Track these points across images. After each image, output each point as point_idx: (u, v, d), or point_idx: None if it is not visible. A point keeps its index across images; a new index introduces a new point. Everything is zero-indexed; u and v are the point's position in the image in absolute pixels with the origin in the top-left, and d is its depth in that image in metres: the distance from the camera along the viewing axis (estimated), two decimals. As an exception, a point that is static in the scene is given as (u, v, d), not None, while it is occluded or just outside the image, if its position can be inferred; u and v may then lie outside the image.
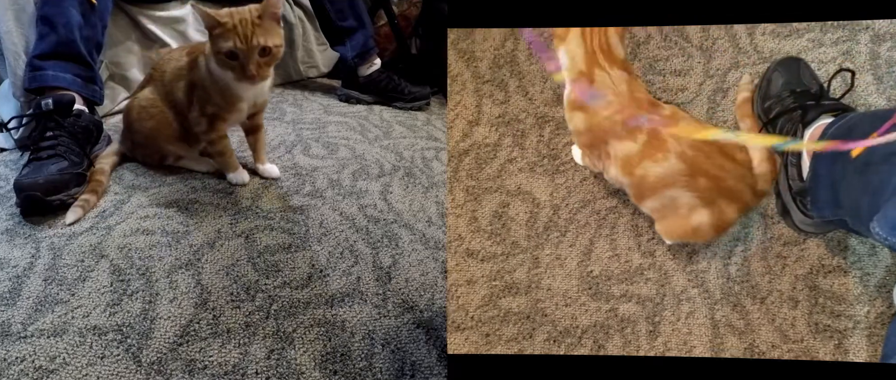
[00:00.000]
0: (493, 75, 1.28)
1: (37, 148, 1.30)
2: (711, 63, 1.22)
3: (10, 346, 0.93)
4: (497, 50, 1.31)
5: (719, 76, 1.21)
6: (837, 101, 1.05)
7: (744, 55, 1.22)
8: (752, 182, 0.98)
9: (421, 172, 1.58)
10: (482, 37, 1.32)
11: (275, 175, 1.45)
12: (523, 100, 1.26)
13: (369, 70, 2.10)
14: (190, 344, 0.97)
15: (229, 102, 1.30)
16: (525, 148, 1.21)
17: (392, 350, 1.01)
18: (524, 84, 1.27)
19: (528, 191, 1.16)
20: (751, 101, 1.11)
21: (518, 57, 1.29)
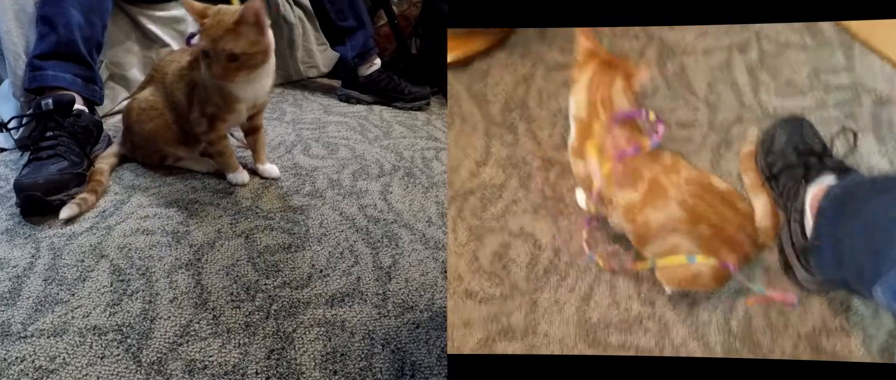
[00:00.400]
0: (503, 118, 1.30)
1: (37, 148, 1.30)
2: (716, 117, 1.24)
3: (10, 346, 0.93)
4: (509, 94, 1.33)
5: (723, 130, 1.22)
6: (840, 161, 1.04)
7: (748, 111, 1.24)
8: (752, 233, 0.98)
9: (421, 172, 1.58)
10: (495, 81, 1.35)
11: (275, 175, 1.45)
12: (531, 142, 1.27)
13: (369, 70, 2.10)
14: (190, 344, 0.97)
15: (227, 102, 1.30)
16: (530, 190, 1.21)
17: (392, 350, 1.01)
18: (533, 128, 1.28)
19: (531, 233, 1.15)
20: (755, 155, 1.10)
21: (529, 101, 1.32)
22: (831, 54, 1.30)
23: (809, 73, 1.27)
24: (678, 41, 1.36)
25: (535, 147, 1.26)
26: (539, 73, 1.37)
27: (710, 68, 1.32)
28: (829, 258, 0.96)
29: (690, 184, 0.96)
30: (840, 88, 1.24)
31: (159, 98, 1.35)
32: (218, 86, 1.27)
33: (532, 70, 1.38)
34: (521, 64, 1.39)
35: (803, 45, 1.32)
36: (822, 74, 1.27)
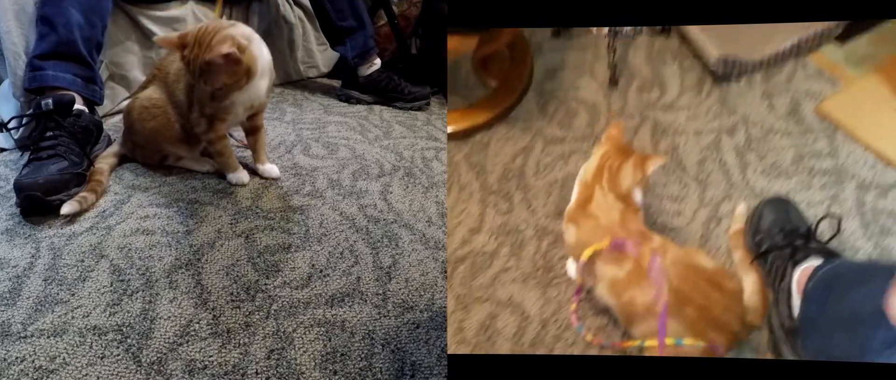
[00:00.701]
0: (500, 187, 1.32)
1: (37, 148, 1.30)
2: (706, 193, 1.27)
3: (10, 346, 0.93)
4: (507, 164, 1.37)
5: (713, 206, 1.25)
6: (825, 244, 1.07)
7: (735, 189, 1.28)
8: (741, 313, 0.98)
9: (421, 172, 1.58)
10: (494, 153, 1.38)
11: (275, 175, 1.45)
12: (526, 211, 1.28)
13: (369, 70, 2.10)
14: (190, 344, 0.97)
15: (222, 107, 1.31)
16: (521, 258, 1.22)
17: (392, 350, 1.01)
18: (529, 197, 1.30)
19: (519, 303, 1.15)
20: (743, 233, 1.14)
21: (526, 171, 1.35)
22: (815, 140, 1.35)
23: (794, 157, 1.32)
24: (671, 122, 1.42)
25: (529, 215, 1.28)
26: (538, 145, 1.41)
27: (701, 148, 1.37)
28: (815, 341, 0.97)
29: (676, 265, 0.97)
30: (824, 173, 1.28)
31: (161, 97, 1.35)
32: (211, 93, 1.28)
33: (531, 143, 1.42)
34: (520, 137, 1.43)
35: (787, 131, 1.38)
36: (805, 159, 1.32)
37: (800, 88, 1.45)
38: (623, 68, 1.57)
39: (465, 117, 1.45)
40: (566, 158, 1.39)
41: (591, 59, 1.60)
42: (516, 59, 1.58)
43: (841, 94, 1.41)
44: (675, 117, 1.43)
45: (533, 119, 1.47)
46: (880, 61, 1.44)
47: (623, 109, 1.47)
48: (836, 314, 0.91)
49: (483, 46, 1.49)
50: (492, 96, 1.51)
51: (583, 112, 1.48)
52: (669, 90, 1.50)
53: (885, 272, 0.89)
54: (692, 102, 1.47)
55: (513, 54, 1.58)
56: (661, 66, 1.56)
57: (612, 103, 1.49)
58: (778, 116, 1.41)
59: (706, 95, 1.47)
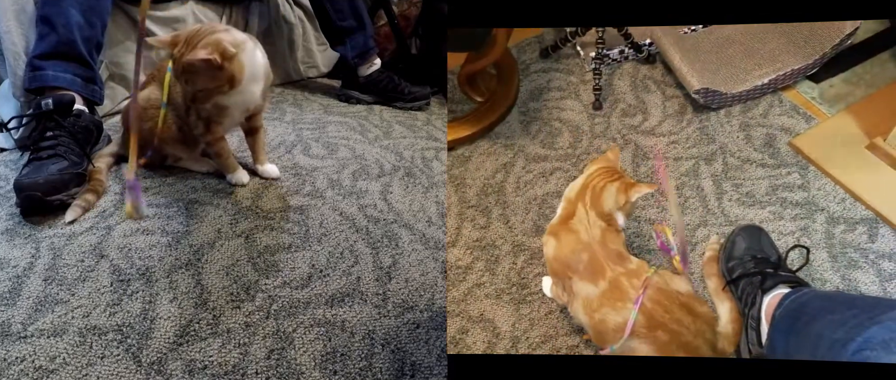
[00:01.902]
0: (478, 201, 1.35)
1: (37, 148, 1.30)
2: (683, 218, 1.31)
3: (10, 346, 0.93)
4: (487, 179, 1.39)
5: (689, 231, 1.29)
6: (794, 273, 1.10)
7: (712, 216, 1.31)
8: (712, 340, 0.99)
9: (421, 172, 1.58)
10: (476, 167, 1.41)
11: (274, 175, 1.45)
12: (503, 227, 1.30)
13: (369, 70, 2.10)
14: (190, 344, 0.97)
15: (217, 110, 1.30)
16: (496, 274, 1.22)
17: (392, 350, 1.01)
18: (507, 213, 1.33)
19: (491, 319, 1.15)
20: (716, 260, 1.16)
21: (506, 187, 1.37)
22: (788, 173, 1.38)
23: (768, 187, 1.36)
24: (651, 146, 1.47)
25: (506, 231, 1.30)
26: (519, 162, 1.44)
27: (679, 174, 1.41)
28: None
29: (651, 288, 0.97)
30: (795, 204, 1.32)
31: (159, 98, 1.35)
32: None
33: (513, 159, 1.45)
34: (502, 153, 1.46)
35: (762, 162, 1.42)
36: (779, 190, 1.35)
37: (775, 123, 1.49)
38: (608, 93, 1.61)
39: (448, 130, 1.49)
40: (547, 176, 1.41)
41: (577, 82, 1.64)
42: (503, 77, 1.60)
43: (814, 130, 1.46)
44: (655, 142, 1.48)
45: (516, 136, 1.50)
46: (853, 101, 1.50)
47: (606, 132, 1.51)
48: (801, 342, 0.92)
49: (470, 63, 1.52)
50: (476, 112, 1.54)
51: (566, 132, 1.51)
52: (652, 116, 1.55)
53: (848, 302, 0.91)
54: (673, 128, 1.51)
55: (500, 72, 1.61)
56: (644, 92, 1.61)
57: (596, 126, 1.53)
58: (754, 147, 1.45)
59: (687, 124, 1.52)
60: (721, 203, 1.33)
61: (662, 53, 1.63)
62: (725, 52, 1.59)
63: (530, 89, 1.62)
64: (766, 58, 1.56)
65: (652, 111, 1.56)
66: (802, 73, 1.55)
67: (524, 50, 1.75)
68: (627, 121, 1.54)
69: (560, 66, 1.69)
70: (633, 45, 1.65)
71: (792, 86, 1.56)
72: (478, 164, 1.40)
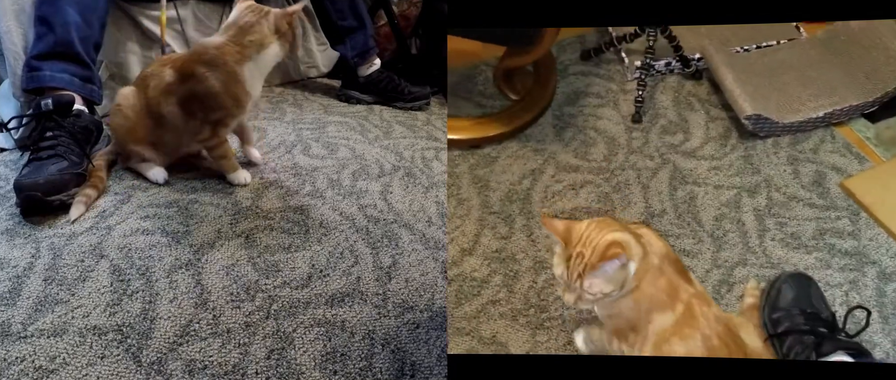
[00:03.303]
0: (502, 208, 1.24)
1: (37, 148, 1.30)
2: (721, 253, 1.21)
3: (10, 346, 0.93)
4: (513, 184, 1.28)
5: (726, 269, 1.19)
6: (852, 338, 1.00)
7: (752, 255, 1.21)
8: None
9: (421, 172, 1.58)
10: (501, 169, 1.30)
11: (257, 158, 1.49)
12: (526, 240, 1.19)
13: (369, 70, 2.10)
14: (190, 344, 0.97)
15: (238, 102, 1.33)
16: (513, 292, 1.12)
17: (392, 350, 1.01)
18: (531, 224, 1.22)
19: (504, 343, 1.06)
20: (757, 307, 1.06)
21: (533, 196, 1.26)
22: (837, 217, 1.27)
23: (815, 231, 1.25)
24: (691, 170, 1.35)
25: (528, 245, 1.19)
26: (549, 170, 1.33)
27: (719, 204, 1.29)
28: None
29: (719, 323, 0.89)
30: (845, 253, 1.21)
31: (135, 103, 1.35)
32: (227, 91, 1.30)
33: (542, 166, 1.33)
34: (532, 157, 1.35)
35: (810, 202, 1.30)
36: (827, 235, 1.24)
37: (826, 160, 1.38)
38: (648, 106, 1.50)
39: (475, 127, 1.38)
40: (577, 188, 1.31)
41: (617, 90, 1.52)
42: (541, 76, 1.50)
43: (868, 173, 1.34)
44: (696, 166, 1.37)
45: (547, 141, 1.39)
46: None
47: (643, 148, 1.40)
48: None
49: (510, 58, 1.43)
50: (509, 110, 1.44)
51: (601, 143, 1.41)
52: (693, 137, 1.44)
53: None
54: (716, 153, 1.40)
55: (537, 71, 1.51)
56: (687, 110, 1.49)
57: (633, 140, 1.42)
58: (802, 184, 1.34)
59: (731, 149, 1.40)
60: (763, 242, 1.23)
61: (712, 71, 1.52)
62: (780, 77, 1.49)
63: (567, 92, 1.50)
64: (823, 89, 1.45)
65: (694, 131, 1.45)
66: (860, 110, 1.44)
67: (564, 49, 1.63)
68: (667, 139, 1.43)
69: (601, 72, 1.57)
70: (681, 58, 1.55)
71: (846, 122, 1.45)
72: (504, 166, 1.30)
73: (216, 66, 1.29)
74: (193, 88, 1.30)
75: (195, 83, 1.29)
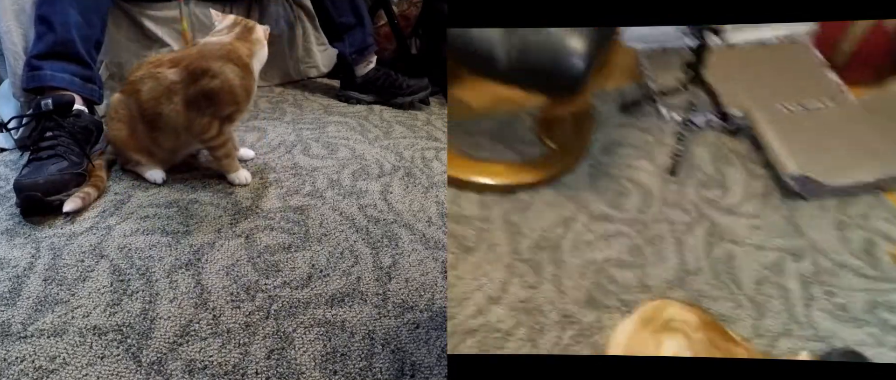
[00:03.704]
0: (531, 256, 1.20)
1: (37, 148, 1.30)
2: (762, 321, 1.14)
3: (10, 346, 0.93)
4: (545, 232, 1.25)
5: (769, 339, 1.12)
6: None
7: (797, 325, 1.14)
8: None
9: (421, 172, 1.58)
10: (535, 216, 1.27)
11: (250, 156, 1.52)
12: (554, 291, 1.15)
13: (366, 69, 2.10)
14: (190, 344, 0.97)
15: (248, 94, 1.37)
16: (537, 346, 1.09)
17: (392, 350, 1.01)
18: (560, 274, 1.18)
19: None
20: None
21: (563, 245, 1.23)
22: (891, 289, 1.20)
23: (866, 303, 1.17)
24: (729, 227, 1.29)
25: (556, 296, 1.14)
26: (581, 218, 1.29)
27: (760, 265, 1.22)
28: None
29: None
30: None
31: (125, 112, 1.34)
32: (243, 84, 1.34)
33: (575, 214, 1.30)
34: (565, 205, 1.31)
35: (861, 271, 1.22)
36: (879, 309, 1.16)
37: (877, 227, 1.29)
38: (686, 159, 1.44)
39: (512, 172, 1.38)
40: (609, 239, 1.28)
41: (653, 142, 1.47)
42: (578, 125, 1.50)
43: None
44: (734, 223, 1.30)
45: (581, 190, 1.35)
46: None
47: (678, 201, 1.35)
48: None
49: (551, 108, 1.44)
50: (546, 158, 1.43)
51: (635, 194, 1.37)
52: (732, 193, 1.37)
53: None
54: (756, 211, 1.32)
55: (576, 121, 1.51)
56: (726, 165, 1.43)
57: (668, 193, 1.36)
58: (851, 251, 1.25)
59: (773, 209, 1.32)
60: (809, 311, 1.15)
61: (754, 127, 1.46)
62: (827, 139, 1.42)
63: (604, 143, 1.47)
64: (873, 154, 1.38)
65: (733, 187, 1.38)
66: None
67: (604, 100, 1.60)
68: (704, 193, 1.37)
69: (639, 124, 1.51)
70: (721, 114, 1.51)
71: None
72: (537, 213, 1.27)
73: (231, 60, 1.32)
74: (207, 85, 1.30)
75: (209, 79, 1.30)
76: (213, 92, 1.30)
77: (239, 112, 1.37)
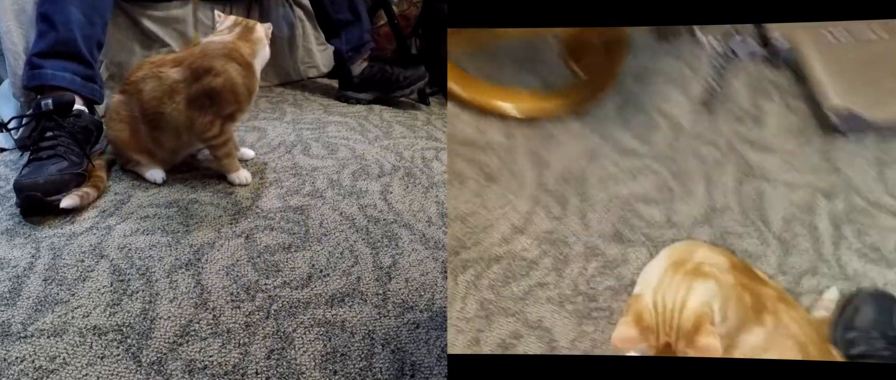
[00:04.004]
0: (556, 188, 1.17)
1: (37, 148, 1.30)
2: (788, 258, 1.11)
3: (10, 346, 0.93)
4: (570, 164, 1.20)
5: (794, 276, 1.09)
6: None
7: (824, 264, 1.11)
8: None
9: (421, 172, 1.58)
10: (559, 147, 1.22)
11: (250, 156, 1.52)
12: (579, 223, 1.13)
13: (361, 67, 2.09)
14: (190, 344, 0.97)
15: (250, 92, 1.38)
16: (563, 276, 1.06)
17: (392, 350, 1.01)
18: (585, 208, 1.15)
19: (549, 328, 1.01)
20: (828, 322, 1.00)
21: (589, 178, 1.19)
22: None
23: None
24: (760, 163, 1.24)
25: (581, 229, 1.13)
26: (607, 152, 1.24)
27: (790, 204, 1.18)
28: None
29: (812, 327, 0.83)
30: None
31: (125, 113, 1.34)
32: (245, 83, 1.35)
33: (601, 147, 1.25)
34: (590, 138, 1.26)
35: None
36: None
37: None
38: (722, 90, 1.36)
39: (539, 102, 1.29)
40: (635, 175, 1.23)
41: (688, 71, 1.39)
42: (611, 54, 1.39)
43: None
44: (765, 159, 1.25)
45: (609, 122, 1.29)
46: None
47: (710, 136, 1.29)
48: None
49: (580, 34, 1.33)
50: (574, 87, 1.33)
51: (665, 127, 1.30)
52: (767, 127, 1.30)
53: None
54: (789, 147, 1.26)
55: (608, 47, 1.40)
56: (763, 98, 1.35)
57: (700, 127, 1.29)
58: (888, 190, 1.20)
59: (807, 143, 1.26)
60: (838, 251, 1.13)
61: (798, 57, 1.39)
62: (875, 71, 1.34)
63: (636, 70, 1.38)
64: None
65: (768, 121, 1.30)
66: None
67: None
68: (737, 127, 1.30)
69: (673, 50, 1.41)
70: (763, 40, 1.40)
71: (944, 128, 1.29)
72: (563, 145, 1.22)
73: (233, 58, 1.33)
74: (209, 83, 1.30)
75: (212, 77, 1.30)
76: (216, 90, 1.31)
77: (241, 111, 1.37)
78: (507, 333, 1.02)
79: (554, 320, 1.04)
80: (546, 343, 1.02)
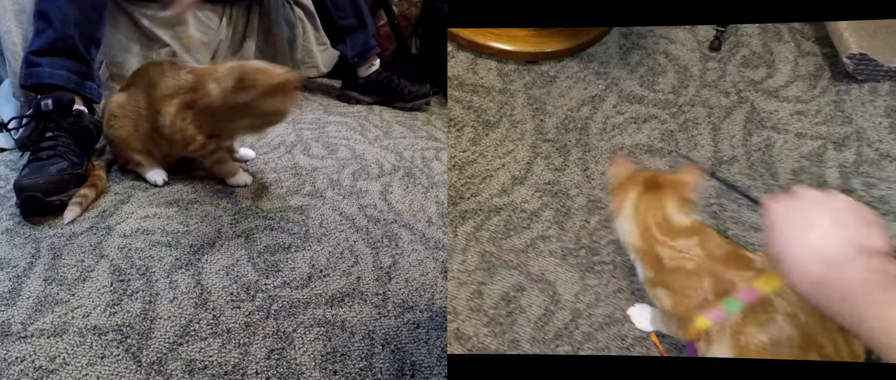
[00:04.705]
0: (557, 137, 1.13)
1: (37, 148, 1.30)
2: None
3: (10, 346, 0.93)
4: (571, 111, 1.16)
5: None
6: None
7: None
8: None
9: (421, 172, 1.58)
10: (559, 92, 1.17)
11: (250, 156, 1.50)
12: (580, 174, 1.10)
13: (369, 71, 2.10)
14: (190, 344, 0.97)
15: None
16: (565, 229, 1.03)
17: (392, 350, 1.01)
18: (587, 158, 1.11)
19: (552, 281, 0.98)
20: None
21: (591, 126, 1.15)
22: None
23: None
24: (771, 113, 1.19)
25: (583, 180, 1.09)
26: (610, 98, 1.20)
27: (800, 155, 1.15)
28: None
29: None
30: None
31: (133, 104, 1.34)
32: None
33: (604, 92, 1.20)
34: (593, 81, 1.21)
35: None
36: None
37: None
38: (730, 33, 1.29)
39: (533, 40, 1.20)
40: (640, 122, 1.17)
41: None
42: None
43: None
44: (777, 108, 1.20)
45: (611, 65, 1.23)
46: None
47: (718, 82, 1.22)
48: None
49: None
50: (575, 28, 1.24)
51: (671, 72, 1.24)
52: (779, 73, 1.24)
53: None
54: (802, 95, 1.21)
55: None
56: (775, 41, 1.29)
57: (708, 71, 1.23)
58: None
59: (820, 92, 1.22)
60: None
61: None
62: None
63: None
64: None
65: (780, 67, 1.25)
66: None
67: None
68: (747, 73, 1.24)
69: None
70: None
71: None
72: (563, 89, 1.17)
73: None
74: (205, 97, 1.29)
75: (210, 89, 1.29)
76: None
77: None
78: (509, 286, 0.99)
79: (557, 273, 1.01)
80: (549, 297, 0.98)
